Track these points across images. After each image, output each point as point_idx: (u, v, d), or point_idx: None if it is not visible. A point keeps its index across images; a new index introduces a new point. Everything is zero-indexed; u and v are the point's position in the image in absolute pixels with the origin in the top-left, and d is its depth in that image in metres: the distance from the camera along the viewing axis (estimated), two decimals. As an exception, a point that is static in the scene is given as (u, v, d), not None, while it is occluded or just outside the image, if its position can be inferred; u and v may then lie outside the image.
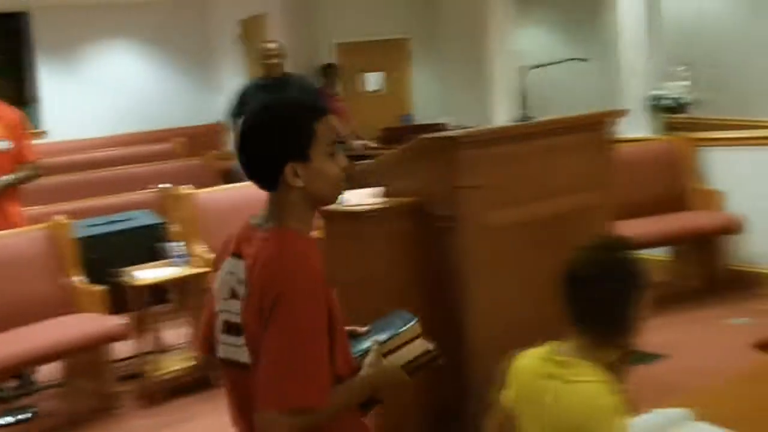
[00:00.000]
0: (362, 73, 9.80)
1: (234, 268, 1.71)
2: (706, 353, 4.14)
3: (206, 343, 1.82)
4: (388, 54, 10.00)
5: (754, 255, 5.23)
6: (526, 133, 2.68)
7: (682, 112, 6.43)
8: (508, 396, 1.93)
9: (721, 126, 6.27)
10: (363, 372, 1.72)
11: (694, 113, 6.54)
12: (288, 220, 1.69)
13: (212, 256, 4.37)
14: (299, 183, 1.67)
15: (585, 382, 1.74)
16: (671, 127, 6.31)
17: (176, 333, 4.68)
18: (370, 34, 9.65)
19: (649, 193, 5.36)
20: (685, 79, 6.49)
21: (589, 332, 1.80)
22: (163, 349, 4.49)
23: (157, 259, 4.47)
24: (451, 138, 2.52)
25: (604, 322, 1.79)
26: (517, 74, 6.47)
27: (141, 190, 6.06)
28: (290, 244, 1.66)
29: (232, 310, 1.70)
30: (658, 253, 5.55)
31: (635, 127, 6.31)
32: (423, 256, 2.68)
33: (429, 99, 9.56)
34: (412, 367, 1.82)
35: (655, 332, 4.35)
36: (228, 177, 7.11)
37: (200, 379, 4.32)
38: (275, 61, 5.80)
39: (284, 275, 1.60)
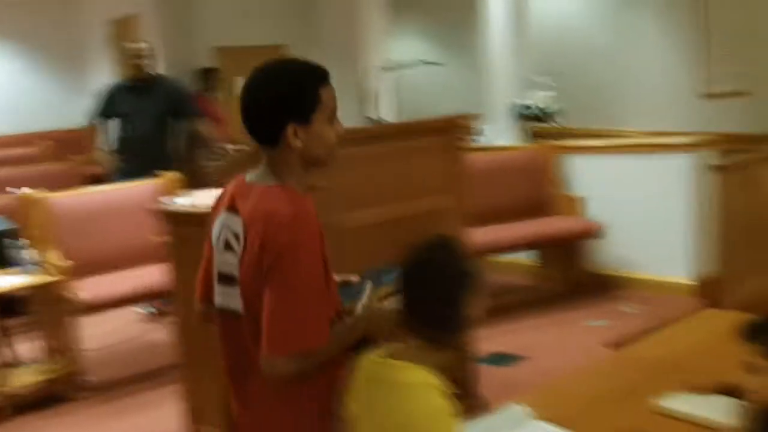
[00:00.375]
0: (241, 79, 9.65)
1: (229, 222, 1.79)
2: (562, 354, 4.25)
3: (204, 293, 1.92)
4: (265, 60, 9.90)
5: (612, 259, 5.43)
6: (377, 136, 2.66)
7: (546, 120, 6.62)
8: (345, 403, 1.88)
9: (584, 135, 6.50)
10: (357, 313, 1.84)
11: (559, 122, 6.75)
12: (285, 179, 1.77)
13: (67, 263, 4.24)
14: (298, 144, 1.75)
15: (415, 385, 1.71)
16: (536, 135, 6.49)
17: (28, 346, 4.44)
18: (249, 40, 9.55)
19: (514, 199, 5.50)
20: (550, 89, 6.69)
21: (419, 333, 1.77)
22: (12, 363, 4.24)
23: (7, 267, 4.23)
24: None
25: (433, 322, 1.76)
26: (390, 79, 6.52)
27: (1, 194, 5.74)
28: (292, 200, 1.73)
29: (227, 262, 1.79)
30: (523, 258, 5.69)
31: (502, 135, 6.46)
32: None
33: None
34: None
35: (516, 335, 4.51)
36: (98, 182, 6.84)
37: (53, 393, 4.12)
38: (142, 61, 5.64)
39: (287, 230, 1.67)
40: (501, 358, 4.16)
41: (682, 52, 7.95)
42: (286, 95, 1.75)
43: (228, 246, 1.79)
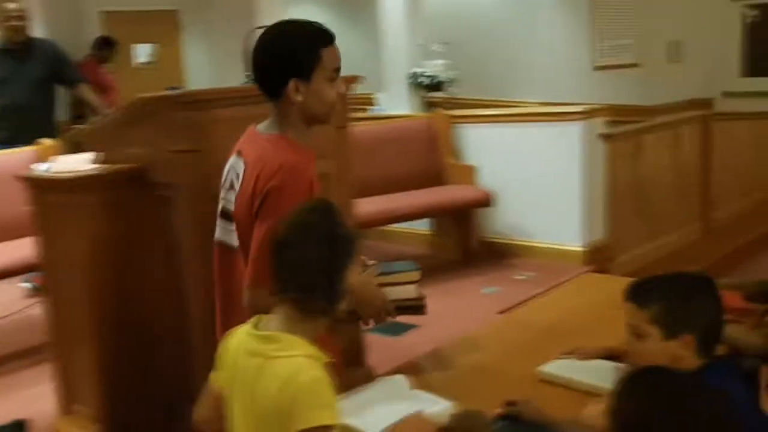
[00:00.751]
0: (131, 45, 9.30)
1: (235, 165, 1.97)
2: (456, 322, 4.22)
3: None
4: (158, 25, 9.60)
5: (506, 227, 5.47)
6: (255, 96, 2.51)
7: (440, 89, 6.60)
8: (217, 378, 1.77)
9: (478, 105, 6.52)
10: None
11: (452, 92, 6.74)
12: (287, 130, 1.94)
13: None
14: (299, 98, 1.91)
15: (289, 357, 1.61)
16: (432, 105, 6.47)
17: None
18: (139, 4, 9.20)
19: (409, 168, 5.46)
20: (444, 58, 6.65)
21: (293, 302, 1.67)
22: None
23: None
24: (168, 98, 2.30)
25: (306, 290, 1.67)
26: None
27: None
28: (287, 150, 1.90)
29: (228, 199, 1.98)
30: (418, 227, 5.68)
31: (398, 104, 6.41)
32: (143, 228, 2.46)
33: (201, 72, 9.29)
34: (398, 305, 2.06)
35: (408, 303, 4.47)
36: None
37: None
38: (16, 23, 5.29)
39: (276, 176, 1.83)
40: (392, 327, 4.12)
41: (574, 24, 8.07)
42: (289, 53, 1.91)
43: (231, 186, 1.97)
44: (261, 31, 2.01)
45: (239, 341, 1.72)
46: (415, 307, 2.13)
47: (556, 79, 7.71)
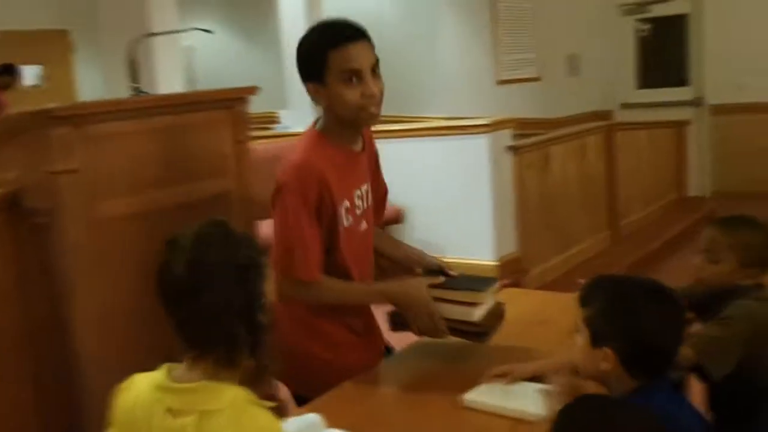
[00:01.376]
0: (19, 66, 8.89)
1: None
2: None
3: None
4: (47, 46, 9.24)
5: (416, 243, 5.29)
6: (142, 108, 2.28)
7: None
8: None
9: (383, 121, 6.38)
10: (387, 283, 2.02)
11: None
12: (322, 126, 2.04)
13: None
14: (321, 101, 1.99)
15: (228, 407, 1.36)
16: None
17: None
18: (25, 24, 8.79)
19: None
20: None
21: (208, 354, 1.41)
22: None
23: None
24: (43, 112, 2.04)
25: (226, 342, 1.40)
26: (174, 52, 6.11)
27: None
28: (311, 145, 1.98)
29: None
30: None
31: (302, 121, 6.22)
32: (18, 259, 2.20)
33: (95, 92, 8.95)
34: (451, 326, 1.97)
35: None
36: None
37: None
38: None
39: (285, 172, 1.92)
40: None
41: (476, 39, 8.08)
42: (299, 57, 1.99)
43: None
44: (148, 40, 1.83)
45: (147, 398, 1.42)
46: (471, 333, 1.99)
47: (459, 94, 7.68)
